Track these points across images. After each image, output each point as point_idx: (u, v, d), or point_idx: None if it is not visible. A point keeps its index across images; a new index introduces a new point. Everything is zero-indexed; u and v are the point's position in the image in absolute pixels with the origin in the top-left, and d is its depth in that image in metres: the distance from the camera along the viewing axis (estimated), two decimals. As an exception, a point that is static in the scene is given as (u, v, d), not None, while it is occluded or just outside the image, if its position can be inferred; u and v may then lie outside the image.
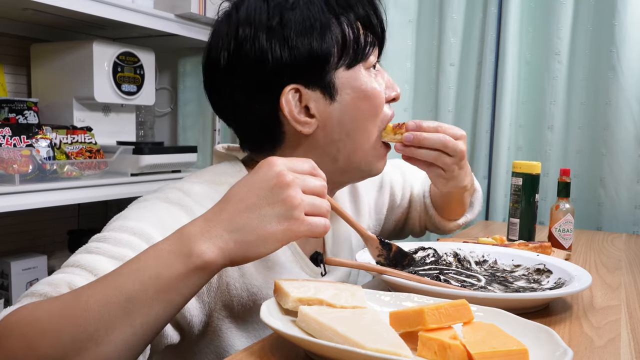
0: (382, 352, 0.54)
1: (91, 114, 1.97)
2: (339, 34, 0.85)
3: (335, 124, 0.87)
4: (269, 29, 0.82)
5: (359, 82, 0.87)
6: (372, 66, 0.90)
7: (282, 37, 0.82)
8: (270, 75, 0.83)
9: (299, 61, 0.83)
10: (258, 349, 0.67)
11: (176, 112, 2.46)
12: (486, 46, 1.89)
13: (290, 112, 0.84)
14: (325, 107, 0.86)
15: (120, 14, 1.76)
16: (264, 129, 0.88)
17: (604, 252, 1.32)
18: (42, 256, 1.99)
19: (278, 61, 0.82)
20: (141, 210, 0.79)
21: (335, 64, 0.85)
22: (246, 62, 0.84)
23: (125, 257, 0.68)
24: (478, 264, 1.03)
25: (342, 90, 0.86)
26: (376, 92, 0.89)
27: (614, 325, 0.80)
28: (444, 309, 0.62)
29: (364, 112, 0.88)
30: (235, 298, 0.82)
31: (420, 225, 1.27)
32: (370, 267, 0.86)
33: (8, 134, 1.57)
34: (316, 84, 0.85)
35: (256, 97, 0.86)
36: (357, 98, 0.87)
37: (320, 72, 0.84)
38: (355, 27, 0.87)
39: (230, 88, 0.87)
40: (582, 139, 1.78)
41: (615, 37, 1.68)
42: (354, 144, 0.89)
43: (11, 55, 1.98)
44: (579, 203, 1.78)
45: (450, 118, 1.97)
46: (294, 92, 0.84)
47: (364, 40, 0.87)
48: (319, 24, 0.83)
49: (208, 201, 0.79)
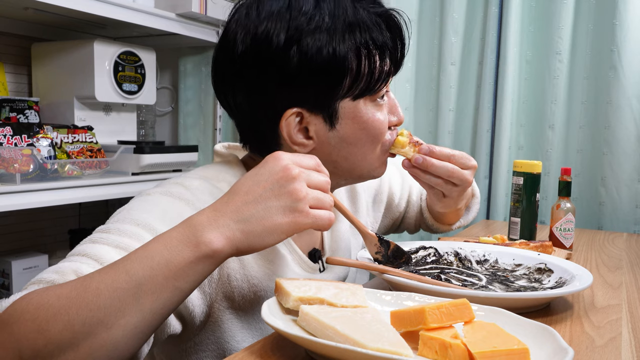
0: (383, 352, 0.54)
1: (92, 113, 1.97)
2: (355, 66, 0.82)
3: (332, 148, 0.86)
4: (284, 53, 0.79)
5: (361, 114, 0.85)
6: (381, 96, 0.87)
7: (295, 62, 0.79)
8: (276, 93, 0.82)
9: (307, 88, 0.81)
10: (259, 348, 0.67)
11: (177, 112, 2.47)
12: (487, 45, 1.89)
13: (288, 134, 0.84)
14: (324, 132, 0.85)
15: (121, 13, 1.76)
16: (262, 136, 0.88)
17: (604, 252, 1.32)
18: (43, 255, 2.00)
19: (286, 83, 0.81)
20: (144, 203, 0.79)
21: (343, 94, 0.83)
22: (254, 74, 0.82)
23: (129, 247, 0.70)
24: (479, 263, 1.03)
25: (342, 119, 0.84)
26: (377, 122, 0.87)
27: (614, 324, 0.80)
28: (445, 308, 0.62)
29: (362, 140, 0.87)
30: (236, 289, 0.82)
31: (415, 224, 1.28)
32: (372, 267, 0.86)
33: (9, 133, 1.57)
34: (319, 110, 0.83)
35: (259, 110, 0.85)
36: (357, 129, 0.86)
37: (327, 100, 0.83)
38: (373, 60, 0.83)
39: (234, 90, 0.86)
40: (583, 138, 1.78)
41: (616, 36, 1.68)
42: (352, 165, 0.89)
43: (12, 55, 1.98)
44: (579, 202, 1.78)
45: (451, 117, 1.97)
46: (295, 116, 0.83)
47: (378, 72, 0.84)
48: (335, 57, 0.80)
49: (208, 196, 0.81)
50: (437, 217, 1.21)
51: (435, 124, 2.03)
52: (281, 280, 0.72)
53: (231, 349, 0.84)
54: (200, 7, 1.96)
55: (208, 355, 0.85)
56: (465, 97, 1.97)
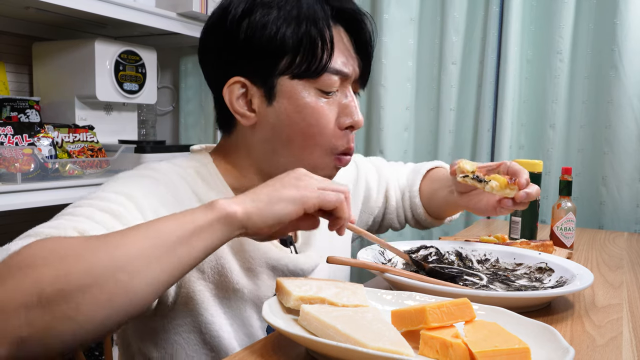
0: (384, 351, 0.55)
1: (93, 113, 1.97)
2: (295, 49, 0.84)
3: (270, 126, 0.88)
4: (238, 24, 0.85)
5: (298, 96, 0.86)
6: (327, 91, 0.87)
7: (243, 33, 0.85)
8: (226, 62, 0.88)
9: (250, 60, 0.86)
10: (260, 347, 0.67)
11: (178, 111, 2.47)
12: (488, 45, 1.89)
13: (229, 101, 0.88)
14: (264, 107, 0.88)
15: (122, 12, 1.76)
16: (218, 109, 0.94)
17: (605, 251, 1.32)
18: (44, 255, 1.99)
19: (233, 52, 0.86)
20: (119, 181, 0.83)
21: (282, 71, 0.85)
22: (218, 34, 0.89)
23: (116, 212, 0.74)
24: (480, 262, 1.03)
25: (279, 97, 0.86)
26: (317, 110, 0.87)
27: (615, 323, 0.80)
28: (446, 307, 0.62)
29: (299, 125, 0.87)
30: (206, 261, 0.84)
31: (399, 220, 1.27)
32: (373, 266, 0.86)
33: (10, 132, 1.57)
34: (261, 84, 0.87)
35: (215, 79, 0.91)
36: (293, 110, 0.86)
37: (267, 73, 0.86)
38: (316, 49, 0.85)
39: (204, 63, 0.93)
40: (583, 138, 1.78)
41: (617, 35, 1.68)
42: (292, 156, 0.89)
43: (13, 54, 1.98)
44: (580, 202, 1.78)
45: (452, 116, 1.97)
46: (240, 86, 0.87)
47: (320, 60, 0.85)
48: (276, 37, 0.84)
49: (176, 176, 0.87)
50: (437, 213, 1.21)
51: (436, 123, 2.03)
52: (282, 279, 0.73)
53: (206, 322, 0.86)
54: (201, 7, 1.96)
55: (185, 330, 0.87)
56: (466, 97, 1.97)
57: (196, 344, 0.87)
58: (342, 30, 0.90)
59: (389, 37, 2.00)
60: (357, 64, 0.91)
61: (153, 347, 0.88)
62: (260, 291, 0.89)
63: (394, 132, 2.06)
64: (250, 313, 0.89)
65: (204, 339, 0.86)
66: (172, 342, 0.87)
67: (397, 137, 2.06)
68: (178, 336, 0.87)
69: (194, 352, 0.87)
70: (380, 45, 2.01)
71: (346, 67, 0.88)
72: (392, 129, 2.05)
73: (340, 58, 0.87)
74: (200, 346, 0.87)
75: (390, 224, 1.27)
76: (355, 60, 0.91)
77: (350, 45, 0.91)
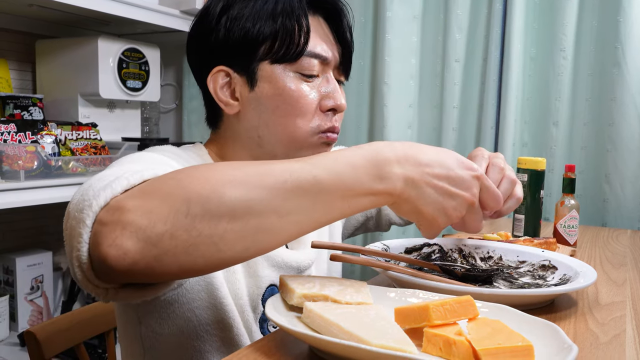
0: (387, 348, 0.55)
1: (96, 110, 1.98)
2: (272, 36, 0.88)
3: (254, 112, 0.91)
4: (218, 20, 0.89)
5: (278, 78, 0.89)
6: (307, 74, 0.90)
7: (222, 27, 0.89)
8: (209, 54, 0.91)
9: (231, 50, 0.89)
10: (263, 345, 0.67)
11: (181, 108, 2.47)
12: (491, 42, 1.88)
13: (214, 89, 0.91)
14: (246, 94, 0.91)
15: (125, 10, 1.76)
16: (206, 101, 0.98)
17: (609, 248, 1.32)
18: (47, 252, 2.00)
19: (215, 45, 0.90)
20: (127, 158, 0.80)
21: (261, 57, 0.89)
22: (201, 32, 0.92)
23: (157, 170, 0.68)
24: (483, 260, 1.03)
25: (260, 81, 0.90)
26: (297, 92, 0.89)
27: (619, 321, 0.79)
28: (449, 305, 0.62)
29: (280, 108, 0.90)
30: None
31: (384, 221, 1.28)
32: (376, 264, 0.86)
33: (13, 130, 1.57)
34: (243, 72, 0.90)
35: (199, 71, 0.94)
36: (274, 93, 0.89)
37: (248, 60, 0.89)
38: (298, 28, 0.89)
39: (190, 57, 0.97)
40: (587, 135, 1.78)
41: (620, 33, 1.67)
42: (277, 142, 0.91)
43: (16, 52, 1.98)
44: (584, 199, 1.78)
45: (455, 114, 1.97)
46: (224, 75, 0.91)
47: (297, 42, 0.89)
48: (252, 29, 0.88)
49: (172, 154, 0.90)
50: None
51: (440, 120, 2.02)
52: (285, 277, 0.73)
53: (217, 301, 0.86)
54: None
55: (197, 305, 0.86)
56: (470, 94, 1.97)
57: (207, 319, 0.87)
58: (322, 20, 0.94)
59: (392, 34, 2.00)
60: (337, 51, 0.94)
61: (162, 322, 0.86)
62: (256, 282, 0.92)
63: (397, 130, 2.06)
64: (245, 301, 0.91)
65: (214, 313, 0.87)
66: (183, 317, 0.86)
67: (400, 134, 2.06)
68: (191, 313, 0.86)
69: (204, 331, 0.87)
70: (383, 43, 2.01)
71: (325, 52, 0.91)
72: (396, 126, 2.05)
73: (319, 44, 0.91)
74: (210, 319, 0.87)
75: (388, 219, 1.27)
76: (335, 47, 0.94)
77: (330, 33, 0.94)
